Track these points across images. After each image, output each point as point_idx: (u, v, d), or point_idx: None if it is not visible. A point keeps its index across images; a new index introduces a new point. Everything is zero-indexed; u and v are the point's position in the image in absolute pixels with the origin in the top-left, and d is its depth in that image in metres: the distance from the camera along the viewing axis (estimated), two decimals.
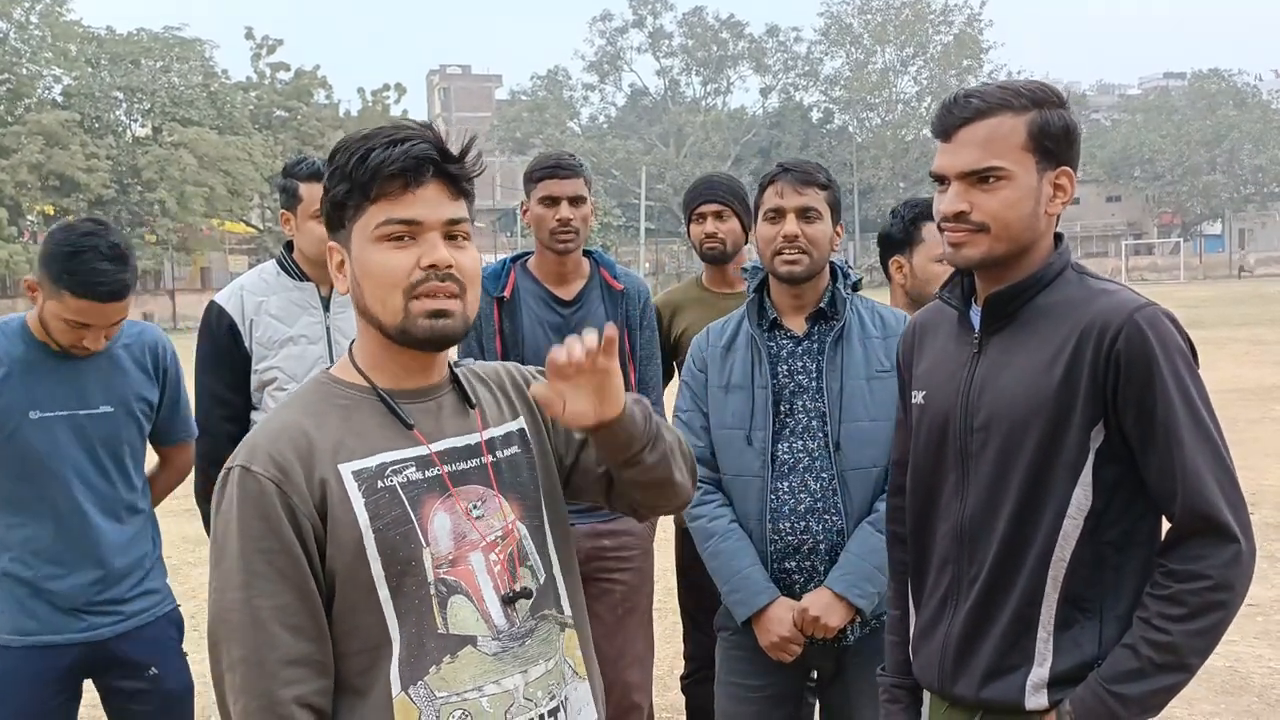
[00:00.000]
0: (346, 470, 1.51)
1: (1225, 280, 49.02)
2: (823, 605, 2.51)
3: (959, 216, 1.82)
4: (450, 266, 1.52)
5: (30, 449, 2.56)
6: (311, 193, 3.11)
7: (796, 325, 2.66)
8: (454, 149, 1.56)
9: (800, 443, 2.58)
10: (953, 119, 1.83)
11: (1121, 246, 55.11)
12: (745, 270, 2.85)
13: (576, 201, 3.24)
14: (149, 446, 2.89)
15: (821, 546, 2.55)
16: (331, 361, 3.11)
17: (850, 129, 64.51)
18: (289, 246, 3.28)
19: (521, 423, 1.71)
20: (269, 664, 1.44)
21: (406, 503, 1.53)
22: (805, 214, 2.60)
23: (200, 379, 3.13)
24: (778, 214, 2.62)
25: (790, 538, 2.56)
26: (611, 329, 1.52)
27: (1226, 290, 38.02)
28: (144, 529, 2.78)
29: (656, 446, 1.63)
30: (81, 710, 2.78)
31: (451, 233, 1.54)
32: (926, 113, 58.83)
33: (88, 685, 2.77)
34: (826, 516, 2.55)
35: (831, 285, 2.67)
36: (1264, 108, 62.76)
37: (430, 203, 1.52)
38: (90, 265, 2.43)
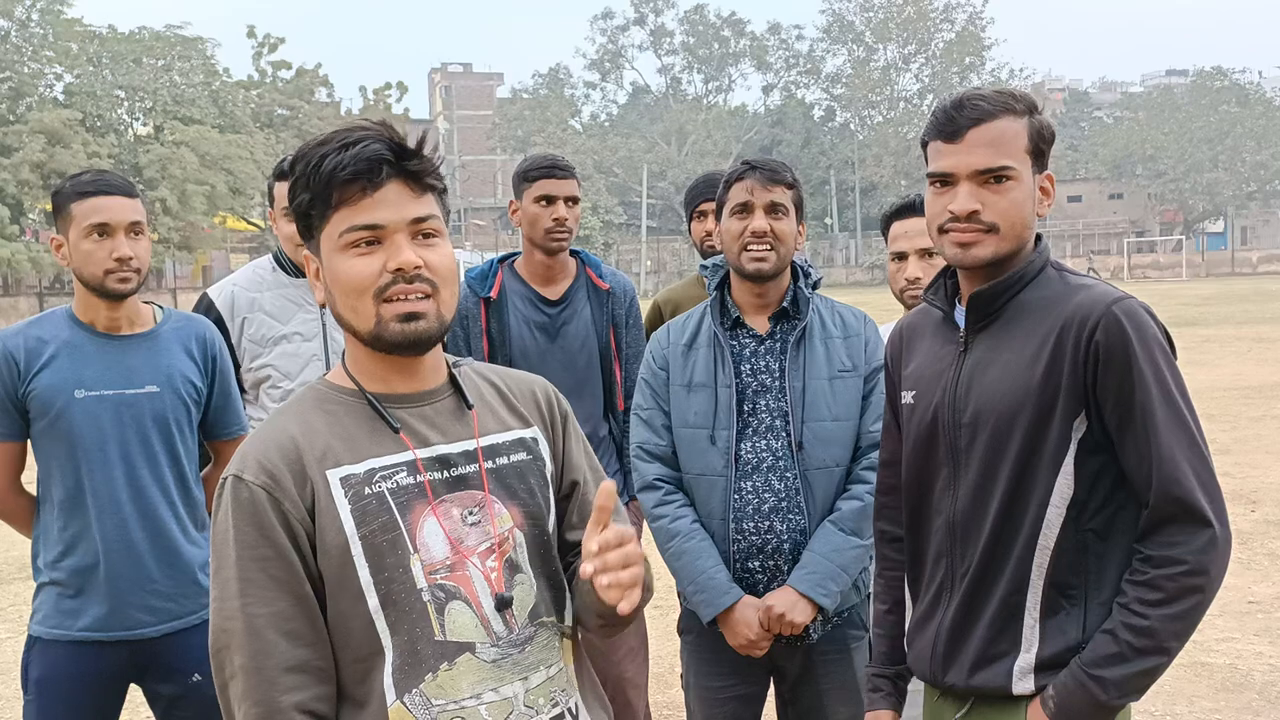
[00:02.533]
0: (334, 476, 1.49)
1: (1227, 277, 48.97)
2: (788, 603, 2.51)
3: (971, 216, 1.86)
4: (419, 267, 1.48)
5: (77, 430, 2.55)
6: (281, 190, 3.14)
7: (759, 324, 2.66)
8: (410, 143, 1.51)
9: (764, 442, 2.58)
10: (963, 120, 1.87)
11: (1124, 244, 55.06)
12: (705, 268, 2.85)
13: (571, 202, 3.29)
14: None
15: (785, 546, 2.55)
16: (326, 358, 3.12)
17: (852, 127, 64.55)
18: None
19: (535, 432, 1.68)
20: (268, 671, 1.43)
21: (395, 509, 1.50)
22: (773, 210, 2.60)
23: None
24: (745, 209, 2.61)
25: (754, 537, 2.56)
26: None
27: (1229, 288, 38.00)
28: (196, 528, 2.74)
29: (616, 629, 1.65)
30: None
31: (420, 230, 1.51)
32: (928, 110, 58.73)
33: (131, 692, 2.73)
34: (790, 516, 2.55)
35: (793, 285, 2.67)
36: (1266, 105, 62.67)
37: (391, 204, 1.48)
38: (90, 173, 2.63)
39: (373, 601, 1.48)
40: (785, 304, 2.65)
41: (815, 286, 2.73)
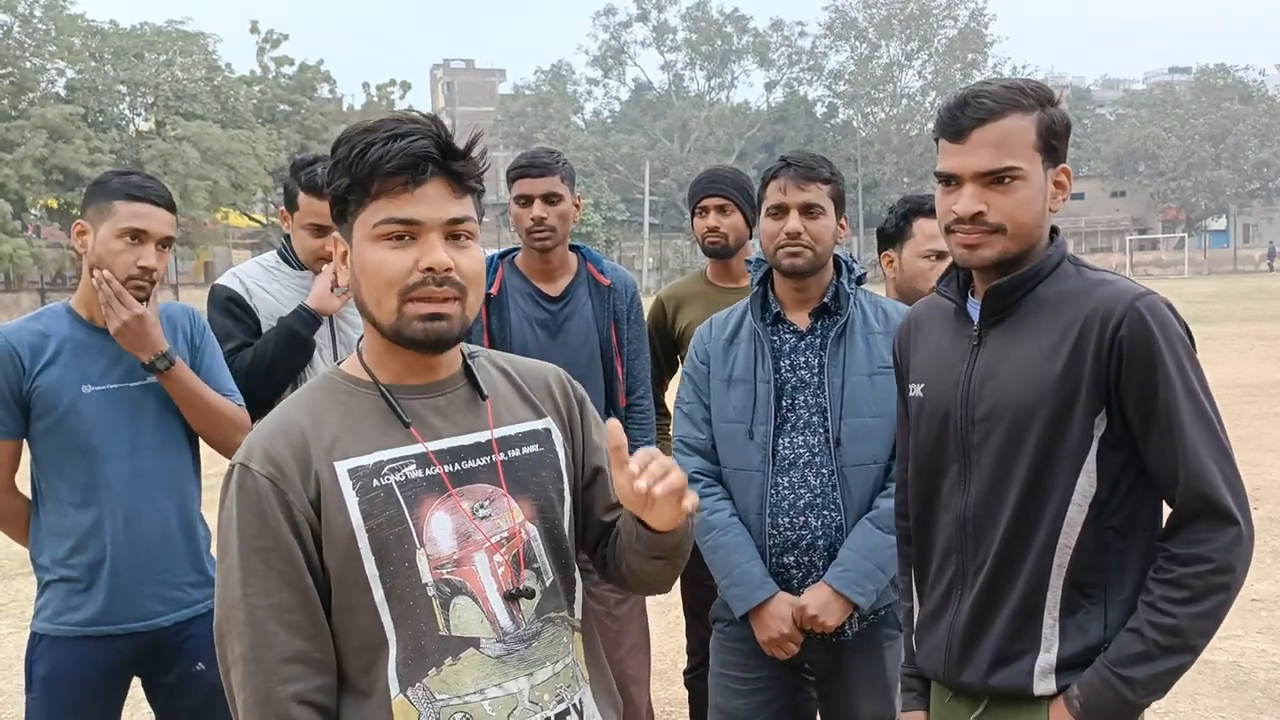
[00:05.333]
0: (342, 468, 1.49)
1: (1230, 275, 48.92)
2: (821, 603, 2.50)
3: (976, 218, 1.83)
4: (449, 269, 1.48)
5: (85, 426, 2.54)
6: (308, 205, 3.09)
7: (800, 319, 2.65)
8: (460, 143, 1.51)
9: (801, 438, 2.57)
10: (966, 120, 1.83)
11: (1126, 242, 55.01)
12: (749, 263, 2.84)
13: (551, 199, 3.22)
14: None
15: (820, 542, 2.54)
16: (334, 351, 3.11)
17: (854, 124, 64.42)
18: (289, 236, 3.27)
19: (548, 422, 1.67)
20: (267, 661, 1.44)
21: (402, 502, 1.50)
22: (808, 210, 2.58)
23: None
24: (780, 210, 2.59)
25: (789, 533, 2.55)
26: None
27: (1231, 285, 37.94)
28: (201, 516, 2.73)
29: (674, 561, 1.63)
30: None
31: (454, 232, 1.50)
32: (931, 107, 58.71)
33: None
34: (826, 512, 2.54)
35: (835, 280, 2.66)
36: (1269, 102, 62.56)
37: (431, 201, 1.48)
38: (138, 176, 2.66)
39: (378, 594, 1.48)
40: (826, 299, 2.63)
41: (860, 282, 2.71)
